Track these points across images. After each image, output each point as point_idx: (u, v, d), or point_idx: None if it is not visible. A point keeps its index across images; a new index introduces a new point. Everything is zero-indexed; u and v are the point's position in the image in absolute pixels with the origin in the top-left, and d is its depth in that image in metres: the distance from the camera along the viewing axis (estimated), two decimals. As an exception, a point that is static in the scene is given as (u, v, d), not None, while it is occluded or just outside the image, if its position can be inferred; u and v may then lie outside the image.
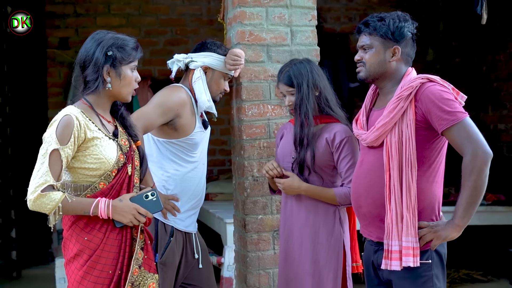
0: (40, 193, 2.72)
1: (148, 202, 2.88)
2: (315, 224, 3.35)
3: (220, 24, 4.29)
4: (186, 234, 3.61)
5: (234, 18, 3.90)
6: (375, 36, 2.97)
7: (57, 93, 7.54)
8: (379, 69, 2.98)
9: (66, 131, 2.77)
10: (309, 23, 3.90)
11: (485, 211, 6.27)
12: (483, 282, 6.43)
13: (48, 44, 7.52)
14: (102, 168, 2.83)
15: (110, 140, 2.89)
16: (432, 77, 2.87)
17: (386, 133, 2.89)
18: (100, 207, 2.79)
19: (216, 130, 7.78)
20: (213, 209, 5.95)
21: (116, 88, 2.90)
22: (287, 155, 3.44)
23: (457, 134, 2.75)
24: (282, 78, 3.40)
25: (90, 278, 2.80)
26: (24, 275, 7.12)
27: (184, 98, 3.53)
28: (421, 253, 2.82)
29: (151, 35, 7.72)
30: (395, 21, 2.96)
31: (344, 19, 8.15)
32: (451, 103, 2.78)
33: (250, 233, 3.81)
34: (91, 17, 7.61)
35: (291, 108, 3.40)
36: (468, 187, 2.74)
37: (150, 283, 2.92)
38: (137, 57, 2.96)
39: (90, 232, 2.83)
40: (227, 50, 3.70)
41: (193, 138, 3.55)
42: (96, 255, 2.81)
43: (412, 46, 3.01)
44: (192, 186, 3.60)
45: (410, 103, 2.83)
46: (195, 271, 3.65)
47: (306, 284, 3.33)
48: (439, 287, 2.86)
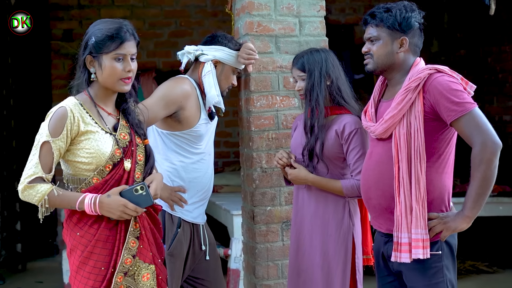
0: (26, 184, 2.73)
1: (138, 196, 2.79)
2: (324, 216, 3.35)
3: (225, 15, 4.28)
4: (194, 225, 3.61)
5: (242, 8, 3.90)
6: (382, 27, 2.95)
7: (61, 85, 7.49)
8: (387, 61, 2.97)
9: (59, 124, 2.75)
10: (317, 13, 3.90)
11: (491, 202, 6.25)
12: (488, 273, 6.46)
13: (52, 36, 7.51)
14: (94, 162, 2.79)
15: (106, 134, 2.83)
16: (440, 68, 2.86)
17: (394, 125, 2.88)
18: (85, 203, 2.75)
19: (221, 122, 7.73)
20: (219, 201, 5.95)
21: (100, 78, 2.83)
22: (299, 146, 3.44)
23: (466, 125, 2.74)
24: (295, 62, 3.42)
25: (83, 273, 2.77)
26: (29, 267, 7.15)
27: (188, 90, 3.51)
28: (431, 244, 2.82)
29: (156, 27, 7.70)
30: (401, 11, 2.94)
31: (349, 10, 8.14)
32: (460, 94, 2.77)
33: (259, 225, 3.81)
34: (95, 8, 7.59)
35: (300, 94, 3.41)
36: (478, 177, 2.73)
37: (145, 273, 2.85)
38: (119, 47, 2.81)
39: (82, 228, 2.79)
40: (238, 44, 3.68)
41: (198, 130, 3.54)
42: (88, 251, 2.77)
43: (419, 36, 3.00)
44: (198, 177, 3.59)
45: (418, 94, 2.82)
46: (203, 263, 3.66)
47: (316, 275, 3.34)
48: (450, 278, 2.85)
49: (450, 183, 2.92)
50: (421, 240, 2.80)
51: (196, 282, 3.64)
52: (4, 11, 6.48)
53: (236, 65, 3.65)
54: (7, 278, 6.69)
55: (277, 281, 3.82)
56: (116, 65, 2.81)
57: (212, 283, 3.67)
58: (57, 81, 7.52)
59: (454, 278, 2.89)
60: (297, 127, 3.52)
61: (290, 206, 3.76)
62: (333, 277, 3.31)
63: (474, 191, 2.75)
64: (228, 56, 3.61)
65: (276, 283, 3.82)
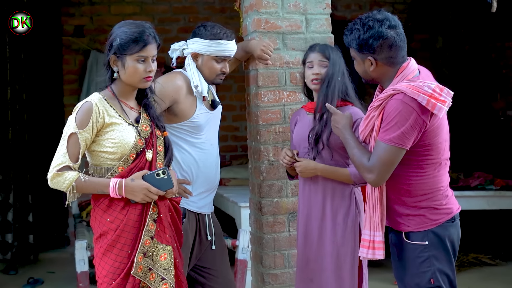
0: (55, 172, 2.94)
1: (160, 180, 3.01)
2: (332, 205, 3.47)
3: (233, 12, 4.35)
4: (199, 215, 3.65)
5: (251, 6, 3.99)
6: (352, 49, 3.03)
7: (72, 80, 7.63)
8: (367, 77, 3.06)
9: (85, 117, 2.96)
10: (323, 11, 3.99)
11: (494, 196, 6.36)
12: (491, 266, 6.52)
13: (63, 32, 7.59)
14: (119, 152, 2.99)
15: (129, 126, 3.03)
16: (403, 89, 2.84)
17: (366, 138, 3.03)
18: (110, 187, 2.94)
19: (228, 116, 7.87)
20: (227, 194, 6.05)
21: (124, 77, 3.05)
22: (304, 141, 3.54)
23: (376, 148, 2.91)
24: (317, 48, 3.53)
25: (110, 255, 2.96)
26: (41, 258, 7.24)
27: (178, 84, 3.55)
28: (417, 235, 2.96)
29: (165, 23, 7.77)
30: (360, 33, 2.93)
31: (355, 6, 8.17)
32: (393, 126, 2.84)
33: (266, 216, 3.91)
34: (106, 5, 7.68)
35: (317, 78, 3.49)
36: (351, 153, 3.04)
37: (162, 254, 3.04)
38: (143, 49, 3.00)
39: (111, 214, 2.98)
40: (214, 33, 3.60)
41: (195, 120, 3.58)
42: (117, 234, 2.96)
43: (389, 48, 2.93)
44: (202, 168, 3.62)
45: (381, 112, 2.92)
46: (209, 253, 3.70)
47: (326, 264, 3.45)
48: (439, 268, 2.95)
49: (438, 182, 2.98)
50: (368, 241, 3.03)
51: (202, 271, 3.69)
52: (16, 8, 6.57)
53: (214, 54, 3.59)
54: (19, 269, 6.79)
55: (284, 270, 3.92)
56: (138, 66, 3.01)
57: (218, 272, 3.71)
58: (68, 76, 7.62)
59: (449, 268, 2.97)
60: (298, 122, 3.62)
61: (296, 198, 3.85)
62: (343, 265, 3.43)
63: (349, 148, 3.05)
64: (203, 46, 3.59)
65: (283, 272, 3.92)
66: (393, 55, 2.95)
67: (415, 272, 2.97)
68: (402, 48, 2.96)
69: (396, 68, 2.97)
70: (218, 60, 3.61)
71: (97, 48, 7.46)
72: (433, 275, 2.94)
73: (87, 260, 4.91)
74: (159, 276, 3.01)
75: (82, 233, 5.69)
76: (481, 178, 6.64)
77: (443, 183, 3.00)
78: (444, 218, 2.97)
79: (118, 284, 2.94)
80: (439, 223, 2.96)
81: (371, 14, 2.96)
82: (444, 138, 2.98)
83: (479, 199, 6.30)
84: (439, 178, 2.98)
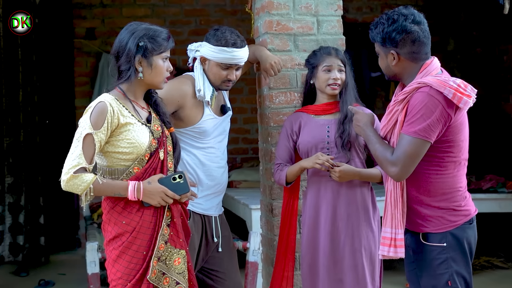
0: (73, 174, 2.86)
1: (176, 184, 3.01)
2: (355, 203, 3.56)
3: (244, 14, 4.36)
4: (205, 217, 3.64)
5: (262, 8, 4.00)
6: (377, 43, 3.06)
7: (84, 82, 7.65)
8: (388, 72, 3.07)
9: (100, 117, 2.91)
10: (334, 13, 3.98)
11: (506, 199, 6.33)
12: (503, 269, 6.50)
13: (75, 34, 7.62)
14: (135, 152, 2.97)
15: (142, 125, 3.02)
16: (430, 82, 2.86)
17: (388, 133, 3.02)
18: (129, 190, 2.92)
19: (239, 119, 7.87)
20: (238, 196, 6.06)
21: (148, 77, 3.04)
22: (319, 144, 3.56)
23: (400, 141, 2.89)
24: (335, 52, 3.60)
25: (125, 257, 2.95)
26: (52, 260, 7.27)
27: (184, 90, 3.54)
28: (435, 236, 2.94)
29: (176, 25, 7.79)
30: (384, 26, 2.97)
31: (366, 9, 8.18)
32: (419, 119, 2.84)
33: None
34: (117, 7, 7.71)
35: (336, 83, 3.55)
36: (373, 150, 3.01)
37: (176, 258, 3.03)
38: (168, 47, 3.08)
39: (127, 216, 2.97)
40: (221, 40, 3.55)
41: (201, 126, 3.57)
42: (132, 236, 2.95)
43: (412, 43, 2.95)
44: (208, 170, 3.61)
45: (405, 105, 2.92)
46: (216, 256, 3.69)
47: (358, 260, 3.53)
48: (457, 270, 2.93)
49: (458, 181, 2.98)
50: (390, 238, 3.00)
51: (210, 274, 3.68)
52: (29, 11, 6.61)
53: (218, 60, 3.55)
54: (30, 270, 6.81)
55: (294, 272, 3.89)
56: (164, 65, 3.05)
57: (226, 274, 3.70)
58: (79, 78, 7.65)
59: (466, 271, 2.96)
60: (304, 126, 3.61)
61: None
62: (375, 261, 3.55)
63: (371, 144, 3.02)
64: (209, 52, 3.56)
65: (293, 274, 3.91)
66: (416, 50, 2.96)
67: (432, 274, 2.95)
68: (426, 44, 2.98)
69: (419, 65, 2.99)
70: (223, 67, 3.57)
71: (109, 50, 7.48)
72: (450, 277, 2.92)
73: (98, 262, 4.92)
74: (173, 280, 3.01)
75: (93, 235, 5.70)
76: (493, 180, 6.62)
77: (462, 183, 2.99)
78: (462, 220, 2.96)
79: (133, 285, 2.93)
80: (457, 224, 2.94)
81: (396, 9, 3.00)
82: (465, 137, 2.98)
83: (491, 202, 6.28)
84: (459, 178, 2.97)
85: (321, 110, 3.62)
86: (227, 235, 3.77)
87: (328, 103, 3.63)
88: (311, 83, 3.64)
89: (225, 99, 3.78)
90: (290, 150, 3.66)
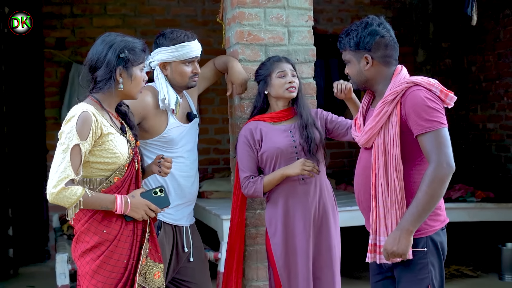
0: (63, 186, 2.81)
1: (157, 197, 3.05)
2: (330, 201, 3.70)
3: (215, 24, 4.36)
4: (176, 227, 3.62)
5: (233, 18, 4.00)
6: (347, 50, 3.12)
7: (54, 92, 7.57)
8: (360, 79, 3.12)
9: (86, 127, 2.88)
10: (305, 23, 4.01)
11: (475, 208, 6.41)
12: (473, 278, 6.56)
13: (45, 44, 7.57)
14: (117, 162, 2.96)
15: (121, 136, 3.02)
16: (418, 81, 2.94)
17: (374, 136, 3.02)
18: (118, 203, 2.92)
19: (210, 129, 7.86)
20: (209, 206, 6.05)
21: (127, 88, 3.04)
22: (288, 148, 3.58)
23: (429, 141, 2.86)
24: (287, 59, 3.74)
25: (107, 267, 2.92)
26: (21, 272, 7.18)
27: (145, 100, 3.51)
28: (417, 241, 2.94)
29: (147, 36, 7.68)
30: (357, 31, 3.06)
31: (336, 20, 8.23)
32: (431, 111, 2.87)
33: (248, 228, 3.90)
34: (88, 17, 7.66)
35: (293, 86, 3.63)
36: (428, 194, 2.82)
37: (156, 272, 3.05)
38: (146, 58, 3.11)
39: (108, 225, 2.95)
40: (174, 38, 3.59)
41: (167, 135, 3.56)
42: (113, 245, 2.94)
43: (385, 47, 3.06)
44: (178, 180, 3.60)
45: (396, 106, 2.94)
46: (187, 266, 3.68)
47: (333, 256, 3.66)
48: (435, 275, 2.96)
49: None
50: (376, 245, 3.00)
51: (181, 284, 3.66)
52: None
53: (181, 58, 3.58)
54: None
55: (266, 282, 3.89)
56: (141, 76, 3.06)
57: (198, 285, 3.69)
58: (49, 88, 7.57)
59: (440, 275, 2.99)
60: (266, 135, 3.62)
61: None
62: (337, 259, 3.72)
63: (421, 206, 2.83)
64: (168, 54, 3.58)
65: (265, 284, 3.90)
66: (388, 54, 3.07)
67: (413, 279, 2.97)
68: (396, 50, 3.10)
69: (390, 70, 3.07)
70: (187, 63, 3.61)
71: (79, 60, 7.44)
72: (430, 281, 2.95)
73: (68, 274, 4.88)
74: None
75: (63, 246, 5.64)
76: (462, 190, 6.69)
77: None
78: (439, 225, 2.99)
79: None
80: (436, 229, 2.98)
81: (369, 16, 3.11)
82: None
83: (460, 211, 6.34)
84: None
85: (279, 117, 3.67)
86: (198, 245, 3.76)
87: (285, 110, 3.68)
88: (265, 94, 3.67)
89: (191, 106, 3.77)
90: (255, 160, 3.65)
